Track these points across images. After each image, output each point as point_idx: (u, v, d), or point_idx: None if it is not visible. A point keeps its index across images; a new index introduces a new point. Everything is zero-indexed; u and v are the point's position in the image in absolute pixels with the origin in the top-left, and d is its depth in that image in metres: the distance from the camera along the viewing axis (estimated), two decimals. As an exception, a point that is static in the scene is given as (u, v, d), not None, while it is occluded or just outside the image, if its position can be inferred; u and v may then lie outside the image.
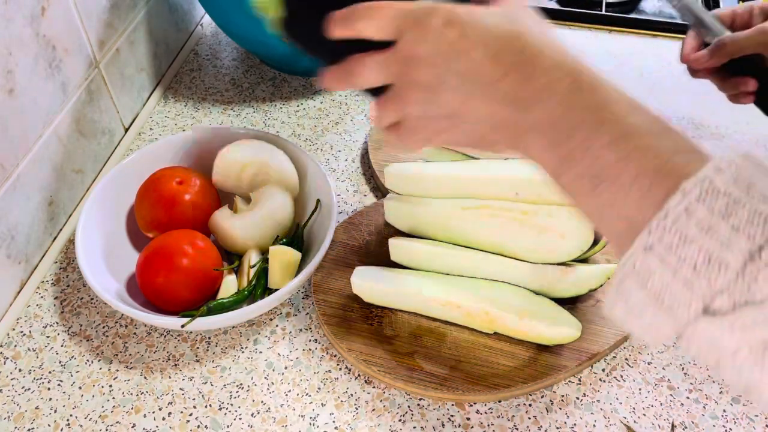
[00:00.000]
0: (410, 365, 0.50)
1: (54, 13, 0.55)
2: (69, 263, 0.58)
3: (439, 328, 0.52)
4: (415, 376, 0.49)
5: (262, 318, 0.54)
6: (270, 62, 0.79)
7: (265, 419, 0.48)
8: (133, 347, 0.53)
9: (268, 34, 0.68)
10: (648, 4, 0.98)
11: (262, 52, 0.77)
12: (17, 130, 0.52)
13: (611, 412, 0.49)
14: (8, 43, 0.50)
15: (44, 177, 0.56)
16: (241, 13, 0.68)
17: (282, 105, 0.75)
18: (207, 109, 0.74)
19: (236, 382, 0.51)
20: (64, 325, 0.54)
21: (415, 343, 0.51)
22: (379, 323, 0.52)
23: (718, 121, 0.74)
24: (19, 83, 0.51)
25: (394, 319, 0.53)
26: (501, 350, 0.50)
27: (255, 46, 0.75)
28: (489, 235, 0.52)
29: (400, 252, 0.55)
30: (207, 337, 0.53)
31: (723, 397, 0.50)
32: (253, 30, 0.70)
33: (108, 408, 0.49)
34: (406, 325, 0.52)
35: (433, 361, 0.50)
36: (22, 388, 0.50)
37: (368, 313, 0.53)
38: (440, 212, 0.54)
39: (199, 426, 0.48)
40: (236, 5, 0.67)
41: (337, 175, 0.67)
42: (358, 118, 0.73)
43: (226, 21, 0.73)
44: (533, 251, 0.51)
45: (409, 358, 0.50)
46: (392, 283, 0.52)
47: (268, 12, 0.40)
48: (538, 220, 0.50)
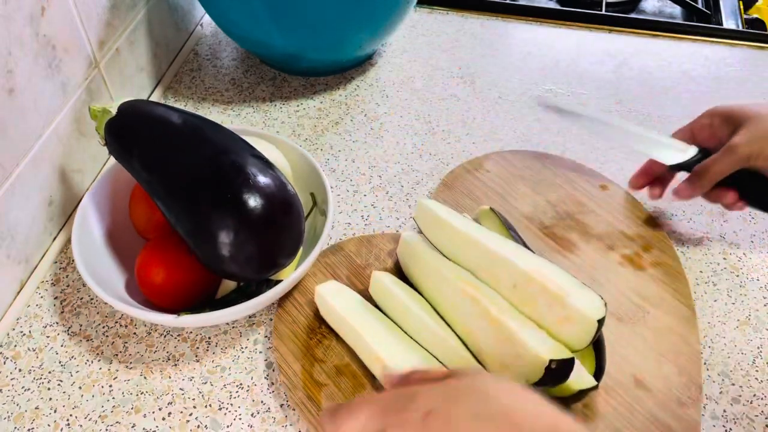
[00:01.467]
0: (311, 394, 0.48)
1: (54, 13, 0.55)
2: (69, 263, 0.58)
3: (362, 377, 0.49)
4: (308, 406, 0.47)
5: (262, 318, 0.54)
6: (270, 62, 0.79)
7: (265, 419, 0.48)
8: (133, 347, 0.53)
9: (268, 34, 0.68)
10: (648, 4, 0.98)
11: (262, 52, 0.77)
12: (17, 130, 0.52)
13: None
14: (8, 43, 0.50)
15: (44, 177, 0.56)
16: (241, 13, 0.68)
17: (282, 105, 0.75)
18: (207, 109, 0.74)
19: (236, 382, 0.51)
20: (64, 325, 0.54)
21: (332, 378, 0.49)
22: (318, 341, 0.51)
23: (718, 121, 0.74)
24: (19, 83, 0.51)
25: (331, 345, 0.51)
26: None
27: (255, 45, 0.76)
28: (462, 317, 0.48)
29: (377, 288, 0.52)
30: (207, 337, 0.53)
31: (723, 397, 0.50)
32: (253, 30, 0.70)
33: (108, 408, 0.49)
34: (337, 356, 0.50)
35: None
36: (22, 388, 0.50)
37: (316, 327, 0.52)
38: (436, 269, 0.51)
39: (199, 426, 0.48)
40: (236, 5, 0.67)
41: (336, 175, 0.67)
42: (358, 118, 0.73)
43: (226, 21, 0.73)
44: (489, 356, 0.46)
45: (315, 387, 0.48)
46: (345, 309, 0.50)
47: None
48: (508, 324, 0.45)
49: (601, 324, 0.43)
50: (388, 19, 0.71)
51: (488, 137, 0.71)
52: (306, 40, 0.70)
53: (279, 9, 0.65)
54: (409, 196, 0.65)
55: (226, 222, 0.45)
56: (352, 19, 0.69)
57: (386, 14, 0.70)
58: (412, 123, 0.73)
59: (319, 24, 0.67)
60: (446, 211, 0.53)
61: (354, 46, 0.74)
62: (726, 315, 0.55)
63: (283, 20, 0.67)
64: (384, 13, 0.70)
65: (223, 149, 0.48)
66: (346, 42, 0.73)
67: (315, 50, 0.73)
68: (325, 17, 0.67)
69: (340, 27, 0.69)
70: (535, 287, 0.46)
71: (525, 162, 0.67)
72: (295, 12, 0.66)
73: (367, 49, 0.77)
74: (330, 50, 0.74)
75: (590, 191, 0.64)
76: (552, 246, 0.59)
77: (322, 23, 0.67)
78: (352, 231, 0.61)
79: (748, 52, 0.85)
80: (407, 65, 0.81)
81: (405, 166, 0.68)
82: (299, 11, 0.65)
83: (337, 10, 0.66)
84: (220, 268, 0.47)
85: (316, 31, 0.69)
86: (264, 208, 0.46)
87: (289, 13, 0.66)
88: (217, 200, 0.46)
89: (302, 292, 0.54)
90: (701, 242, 0.61)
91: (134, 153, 0.49)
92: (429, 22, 0.89)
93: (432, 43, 0.85)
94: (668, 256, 0.58)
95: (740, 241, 0.61)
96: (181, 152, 0.48)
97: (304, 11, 0.65)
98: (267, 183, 0.47)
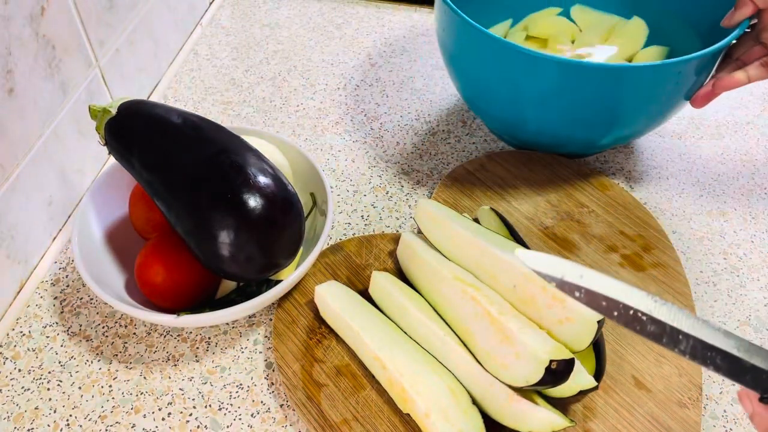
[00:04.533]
0: (310, 395, 0.48)
1: (54, 12, 0.55)
2: (69, 263, 0.58)
3: (362, 378, 0.49)
4: (308, 406, 0.47)
5: (262, 318, 0.54)
6: (517, 143, 0.70)
7: (264, 419, 0.48)
8: (133, 347, 0.53)
9: (521, 116, 0.60)
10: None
11: (510, 134, 0.68)
12: (17, 130, 0.52)
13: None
14: (8, 43, 0.50)
15: (44, 177, 0.56)
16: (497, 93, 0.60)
17: (282, 105, 0.75)
18: (207, 109, 0.74)
19: (236, 382, 0.50)
20: (64, 325, 0.54)
21: (331, 379, 0.49)
22: (317, 341, 0.51)
23: (719, 120, 0.74)
24: (18, 83, 0.51)
25: (331, 345, 0.51)
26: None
27: (506, 127, 0.67)
28: (462, 317, 0.48)
29: (377, 288, 0.53)
30: (207, 337, 0.53)
31: (723, 397, 0.50)
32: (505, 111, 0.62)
33: (108, 408, 0.49)
34: (337, 357, 0.50)
35: (332, 404, 0.47)
36: (22, 388, 0.50)
37: (316, 327, 0.52)
38: (436, 269, 0.51)
39: (199, 426, 0.48)
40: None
41: (336, 175, 0.67)
42: (358, 118, 0.73)
43: (477, 96, 0.65)
44: (488, 356, 0.45)
45: (314, 387, 0.48)
46: (345, 309, 0.50)
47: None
48: (508, 325, 0.44)
49: (601, 324, 0.43)
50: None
51: (488, 137, 0.71)
52: (582, 133, 0.62)
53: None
54: (409, 196, 0.65)
55: (226, 222, 0.45)
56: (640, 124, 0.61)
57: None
58: (412, 123, 0.73)
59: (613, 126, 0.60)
60: (446, 211, 0.53)
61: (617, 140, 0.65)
62: (726, 315, 0.55)
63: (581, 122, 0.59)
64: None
65: (223, 149, 0.48)
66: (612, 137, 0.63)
67: (576, 142, 0.64)
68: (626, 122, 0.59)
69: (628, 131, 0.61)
70: (535, 288, 0.46)
71: (525, 162, 0.66)
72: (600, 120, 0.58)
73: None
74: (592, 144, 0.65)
75: (590, 191, 0.64)
76: (552, 246, 0.59)
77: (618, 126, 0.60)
78: (352, 231, 0.61)
79: (748, 52, 0.85)
80: (407, 65, 0.81)
81: (405, 166, 0.68)
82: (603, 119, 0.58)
83: (640, 117, 0.59)
84: (220, 268, 0.47)
85: (604, 132, 0.60)
86: (264, 208, 0.46)
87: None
88: (217, 200, 0.46)
89: (302, 292, 0.54)
90: (701, 242, 0.61)
91: (134, 153, 0.49)
92: (429, 22, 0.89)
93: (432, 42, 0.85)
94: (668, 256, 0.58)
95: (740, 241, 0.61)
96: (181, 152, 0.48)
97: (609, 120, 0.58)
98: (267, 183, 0.47)
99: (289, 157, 0.58)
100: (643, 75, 0.53)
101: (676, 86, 0.55)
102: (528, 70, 0.55)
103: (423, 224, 0.54)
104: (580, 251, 0.58)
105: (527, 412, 0.43)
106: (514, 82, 0.57)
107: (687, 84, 0.56)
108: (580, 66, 0.53)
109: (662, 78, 0.54)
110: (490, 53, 0.56)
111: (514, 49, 0.54)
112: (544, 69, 0.54)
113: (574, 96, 0.55)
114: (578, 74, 0.53)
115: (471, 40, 0.57)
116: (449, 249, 0.52)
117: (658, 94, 0.55)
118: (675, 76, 0.54)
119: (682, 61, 0.52)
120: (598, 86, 0.53)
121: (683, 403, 0.48)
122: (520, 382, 0.43)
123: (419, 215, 0.55)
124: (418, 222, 0.55)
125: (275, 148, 0.58)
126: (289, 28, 0.87)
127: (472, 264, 0.50)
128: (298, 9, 0.91)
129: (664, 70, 0.53)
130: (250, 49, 0.83)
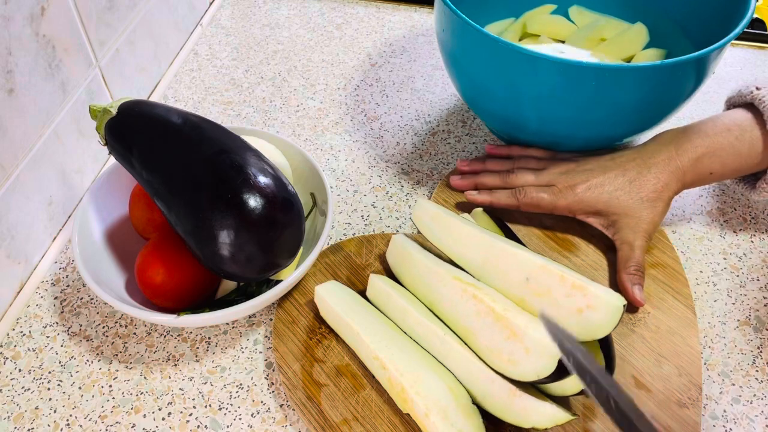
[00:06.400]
0: (310, 395, 0.48)
1: (54, 12, 0.55)
2: (69, 263, 0.58)
3: (362, 378, 0.49)
4: (308, 406, 0.47)
5: (262, 318, 0.54)
6: (517, 143, 0.67)
7: (264, 419, 0.48)
8: (133, 347, 0.53)
9: (521, 116, 0.60)
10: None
11: (510, 134, 0.67)
12: (17, 130, 0.52)
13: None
14: (8, 43, 0.50)
15: (44, 177, 0.56)
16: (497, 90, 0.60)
17: (282, 105, 0.75)
18: (207, 109, 0.74)
19: (236, 382, 0.51)
20: (64, 325, 0.54)
21: (331, 378, 0.49)
22: (317, 341, 0.51)
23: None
24: (18, 83, 0.51)
25: (331, 345, 0.51)
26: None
27: (506, 125, 0.65)
28: (462, 316, 0.47)
29: (374, 291, 0.52)
30: (207, 337, 0.53)
31: (723, 397, 0.50)
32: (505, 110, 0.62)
33: (108, 408, 0.49)
34: (337, 357, 0.50)
35: (332, 404, 0.47)
36: (22, 388, 0.50)
37: (316, 327, 0.52)
38: (433, 270, 0.50)
39: (199, 426, 0.48)
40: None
41: (336, 175, 0.67)
42: (358, 118, 0.73)
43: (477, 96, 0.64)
44: (493, 353, 0.45)
45: (314, 387, 0.48)
46: (345, 309, 0.50)
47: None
48: (515, 321, 0.44)
49: (625, 308, 0.44)
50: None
51: (488, 137, 0.71)
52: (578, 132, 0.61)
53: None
54: (409, 196, 0.65)
55: (226, 222, 0.45)
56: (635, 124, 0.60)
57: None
58: (412, 123, 0.73)
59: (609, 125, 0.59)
60: (444, 211, 0.53)
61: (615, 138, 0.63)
62: (726, 315, 0.55)
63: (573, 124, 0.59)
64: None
65: (223, 149, 0.48)
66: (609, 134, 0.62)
67: (575, 139, 0.62)
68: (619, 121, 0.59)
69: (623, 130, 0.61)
70: (552, 279, 0.46)
71: (525, 162, 0.66)
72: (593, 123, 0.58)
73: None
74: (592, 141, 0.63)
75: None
76: (552, 246, 0.59)
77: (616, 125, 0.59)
78: (352, 231, 0.61)
79: (749, 52, 0.85)
80: (407, 65, 0.81)
81: (405, 166, 0.68)
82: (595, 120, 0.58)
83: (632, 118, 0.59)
84: (220, 268, 0.47)
85: (599, 133, 0.60)
86: (264, 208, 0.46)
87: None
88: (217, 200, 0.46)
89: (302, 292, 0.54)
90: (701, 242, 0.61)
91: (134, 153, 0.49)
92: (429, 22, 0.89)
93: (432, 42, 0.85)
94: (668, 256, 0.58)
95: (740, 241, 0.61)
96: (181, 152, 0.48)
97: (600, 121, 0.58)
98: (267, 183, 0.47)
99: (289, 157, 0.58)
100: (642, 75, 0.53)
101: (674, 86, 0.55)
102: (527, 70, 0.55)
103: (423, 223, 0.54)
104: (580, 251, 0.58)
105: (530, 408, 0.44)
106: (513, 82, 0.57)
107: (686, 84, 0.56)
108: (579, 66, 0.53)
109: (661, 78, 0.54)
110: (489, 53, 0.56)
111: (512, 49, 0.54)
112: (543, 69, 0.54)
113: (573, 96, 0.55)
114: (578, 74, 0.53)
115: (470, 40, 0.57)
116: (452, 246, 0.52)
117: (656, 94, 0.55)
118: (673, 76, 0.54)
119: (680, 62, 0.52)
120: (598, 86, 0.53)
121: (683, 402, 0.48)
122: (530, 377, 0.43)
123: (418, 215, 0.55)
124: (417, 221, 0.55)
125: (275, 148, 0.58)
126: (289, 28, 0.87)
127: (478, 260, 0.50)
128: (298, 9, 0.91)
129: (663, 70, 0.53)
130: (250, 49, 0.83)
